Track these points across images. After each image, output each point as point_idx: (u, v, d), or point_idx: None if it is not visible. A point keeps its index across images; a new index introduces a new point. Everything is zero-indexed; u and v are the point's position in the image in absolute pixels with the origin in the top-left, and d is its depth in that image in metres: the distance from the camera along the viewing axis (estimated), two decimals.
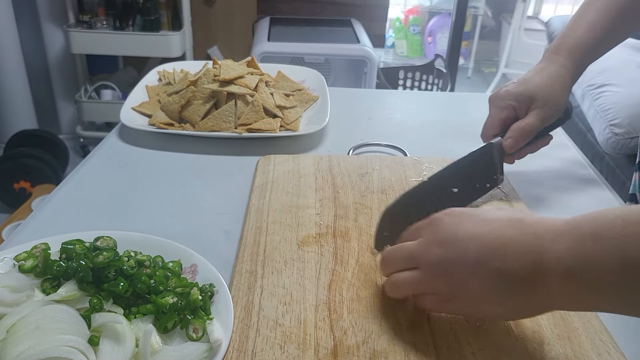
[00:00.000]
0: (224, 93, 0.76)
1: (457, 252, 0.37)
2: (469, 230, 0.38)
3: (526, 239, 0.35)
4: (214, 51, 2.43)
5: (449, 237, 0.38)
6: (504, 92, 0.59)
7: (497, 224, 0.37)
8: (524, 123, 0.56)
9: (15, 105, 2.17)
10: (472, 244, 0.37)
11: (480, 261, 0.36)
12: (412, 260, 0.40)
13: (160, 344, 0.39)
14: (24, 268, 0.43)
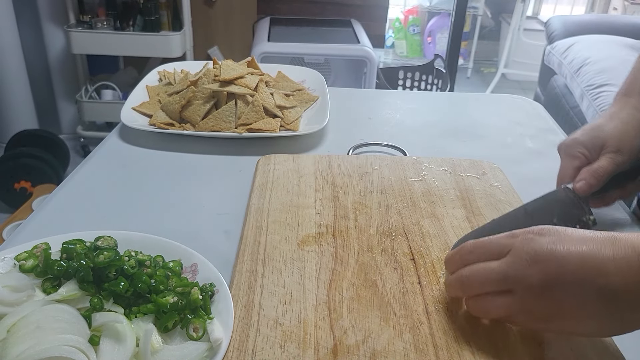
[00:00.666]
0: (224, 93, 0.76)
1: (558, 271, 0.36)
2: (568, 249, 0.37)
3: (627, 255, 0.35)
4: (214, 51, 2.43)
5: (547, 256, 0.37)
6: (572, 140, 0.57)
7: (593, 242, 0.37)
8: (597, 165, 0.55)
9: (16, 105, 2.17)
10: (573, 262, 0.36)
11: (583, 280, 0.36)
12: (505, 282, 0.39)
13: (160, 343, 0.39)
14: (24, 268, 0.43)
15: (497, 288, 0.39)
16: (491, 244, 0.41)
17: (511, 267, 0.38)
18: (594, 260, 0.36)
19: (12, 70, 2.10)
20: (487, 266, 0.40)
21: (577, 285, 0.36)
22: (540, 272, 0.37)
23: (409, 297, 0.45)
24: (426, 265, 0.49)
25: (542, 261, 0.37)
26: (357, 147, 0.74)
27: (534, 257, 0.37)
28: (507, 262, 0.39)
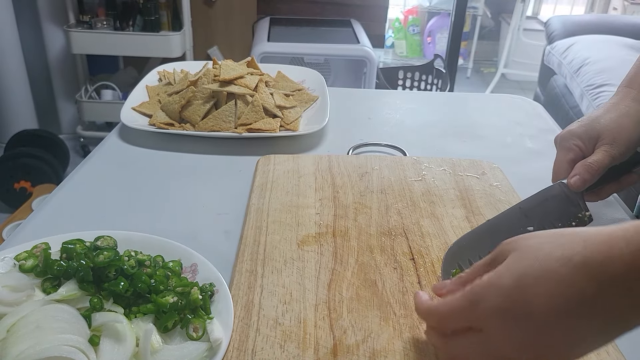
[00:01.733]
0: (224, 93, 0.76)
1: (534, 298, 0.31)
2: (543, 265, 0.31)
3: (592, 267, 0.30)
4: (214, 51, 2.43)
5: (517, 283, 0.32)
6: (567, 132, 0.56)
7: (561, 253, 0.31)
8: (591, 159, 0.53)
9: (16, 105, 2.17)
10: (549, 286, 0.31)
11: (580, 305, 0.30)
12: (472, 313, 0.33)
13: (160, 343, 0.39)
14: (24, 268, 0.43)
15: (464, 324, 0.34)
16: (468, 275, 0.36)
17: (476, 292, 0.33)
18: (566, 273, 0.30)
19: (12, 70, 2.10)
20: (454, 297, 0.35)
21: (559, 307, 0.30)
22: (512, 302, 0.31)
23: (409, 297, 0.45)
24: (426, 265, 0.49)
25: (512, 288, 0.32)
26: (357, 147, 0.74)
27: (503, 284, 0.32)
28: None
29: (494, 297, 0.32)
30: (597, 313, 0.30)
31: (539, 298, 0.31)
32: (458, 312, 0.34)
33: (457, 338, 0.35)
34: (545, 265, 0.31)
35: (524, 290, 0.31)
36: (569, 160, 0.55)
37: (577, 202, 0.52)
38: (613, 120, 0.54)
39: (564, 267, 0.30)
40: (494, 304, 0.32)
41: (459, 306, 0.34)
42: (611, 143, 0.53)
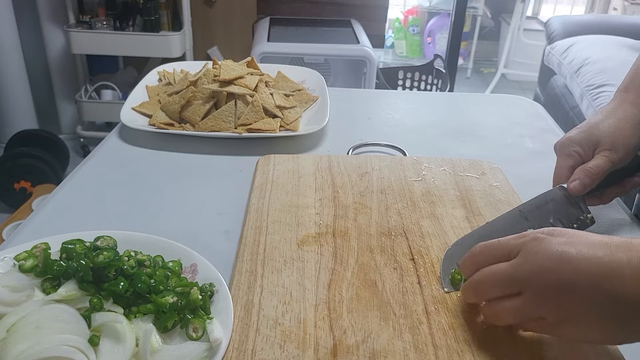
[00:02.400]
0: (224, 93, 0.76)
1: (571, 276, 0.35)
2: (582, 252, 0.35)
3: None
4: (214, 51, 2.43)
5: (560, 258, 0.36)
6: (566, 139, 0.57)
7: (607, 247, 0.35)
8: (591, 164, 0.54)
9: (16, 105, 2.17)
10: (586, 266, 0.35)
11: (598, 285, 0.34)
12: (513, 285, 0.38)
13: (160, 343, 0.39)
14: (24, 268, 0.43)
15: (505, 291, 0.38)
16: (500, 245, 0.40)
17: (520, 269, 0.37)
18: (609, 265, 0.34)
19: (11, 70, 2.10)
20: (495, 269, 0.39)
21: (591, 290, 0.34)
22: (552, 275, 0.36)
23: (409, 297, 0.45)
24: (426, 265, 0.49)
25: (554, 264, 0.36)
26: (357, 147, 0.74)
27: (544, 259, 0.36)
28: (515, 264, 0.38)
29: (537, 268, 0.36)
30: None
31: (581, 275, 0.35)
32: (503, 281, 0.38)
33: (499, 302, 0.39)
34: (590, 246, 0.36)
35: (568, 264, 0.35)
36: (569, 167, 0.55)
37: (579, 205, 0.53)
38: (612, 126, 0.55)
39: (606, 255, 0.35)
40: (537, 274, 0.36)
41: (505, 276, 0.38)
42: (610, 148, 0.54)
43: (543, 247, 0.37)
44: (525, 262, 0.37)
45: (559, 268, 0.35)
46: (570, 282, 0.35)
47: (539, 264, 0.36)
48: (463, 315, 0.44)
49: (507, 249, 0.39)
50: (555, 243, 0.37)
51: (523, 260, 0.37)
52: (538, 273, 0.36)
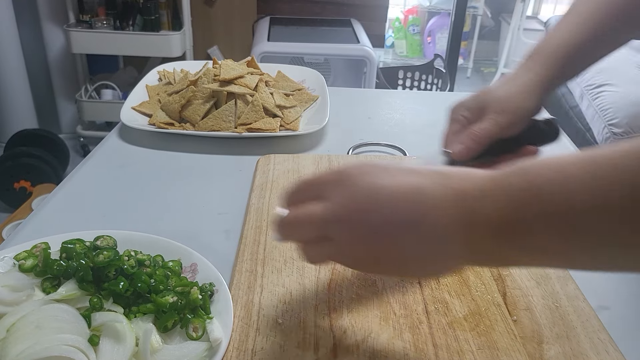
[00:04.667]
0: (224, 93, 0.76)
1: (380, 216, 0.33)
2: (390, 187, 0.33)
3: (456, 198, 0.32)
4: (214, 51, 2.43)
5: (369, 198, 0.33)
6: (457, 104, 0.54)
7: (419, 178, 0.33)
8: (476, 127, 0.51)
9: (16, 104, 2.17)
10: (396, 206, 0.32)
11: (408, 225, 0.32)
12: (325, 228, 0.35)
13: (160, 343, 0.39)
14: (24, 267, 0.43)
15: (318, 233, 0.35)
16: (318, 181, 0.37)
17: (331, 212, 0.34)
18: (420, 201, 0.32)
19: (11, 70, 2.10)
20: (308, 210, 0.36)
21: (402, 229, 0.32)
22: (361, 215, 0.33)
23: (409, 297, 0.45)
24: None
25: (363, 203, 0.33)
26: (357, 147, 0.74)
27: (354, 199, 0.34)
28: (327, 206, 0.35)
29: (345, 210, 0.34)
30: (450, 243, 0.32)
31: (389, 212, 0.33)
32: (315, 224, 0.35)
33: (313, 245, 0.36)
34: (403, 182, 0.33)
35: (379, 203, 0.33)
36: (454, 131, 0.52)
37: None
38: (504, 90, 0.52)
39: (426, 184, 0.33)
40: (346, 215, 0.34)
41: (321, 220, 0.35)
42: (499, 112, 0.51)
43: (349, 186, 0.34)
44: (334, 205, 0.34)
45: (366, 210, 0.33)
46: (381, 223, 0.33)
47: (346, 205, 0.34)
48: (463, 314, 0.44)
49: (323, 187, 0.36)
50: (362, 179, 0.34)
51: (335, 201, 0.34)
52: (346, 215, 0.34)
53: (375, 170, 0.34)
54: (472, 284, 0.47)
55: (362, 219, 0.33)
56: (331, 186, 0.35)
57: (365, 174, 0.34)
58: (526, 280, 0.48)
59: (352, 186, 0.34)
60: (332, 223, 0.34)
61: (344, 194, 0.34)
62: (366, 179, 0.34)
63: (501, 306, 0.45)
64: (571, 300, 0.46)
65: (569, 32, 0.54)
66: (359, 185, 0.34)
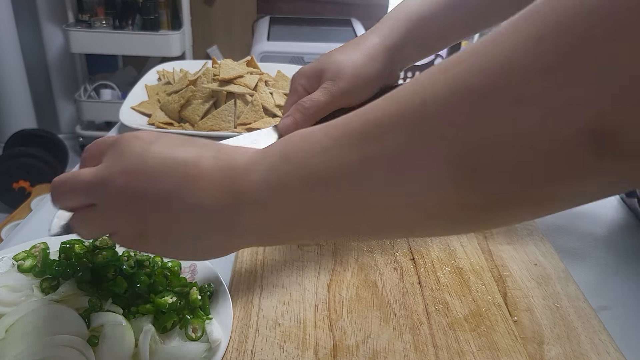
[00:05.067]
0: (224, 92, 0.76)
1: (145, 182, 0.30)
2: (160, 155, 0.30)
3: (221, 170, 0.30)
4: (214, 50, 2.43)
5: (136, 164, 0.30)
6: (297, 71, 0.50)
7: (193, 151, 0.31)
8: (305, 98, 0.47)
9: (15, 104, 2.17)
10: (163, 173, 0.30)
11: (172, 195, 0.30)
12: (91, 193, 0.32)
13: (159, 343, 0.39)
14: (23, 268, 0.43)
15: (82, 200, 0.32)
16: (98, 144, 0.34)
17: (96, 176, 0.31)
18: (188, 173, 0.30)
19: (10, 70, 2.10)
20: (77, 172, 0.33)
21: (166, 201, 0.30)
22: (125, 181, 0.30)
23: (409, 298, 0.45)
24: (426, 266, 0.49)
25: (130, 169, 0.30)
26: None
27: (121, 164, 0.31)
28: (96, 169, 0.32)
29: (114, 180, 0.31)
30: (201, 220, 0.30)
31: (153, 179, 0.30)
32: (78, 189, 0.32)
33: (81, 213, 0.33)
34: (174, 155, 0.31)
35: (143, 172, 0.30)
36: (292, 103, 0.49)
37: None
38: (345, 55, 0.47)
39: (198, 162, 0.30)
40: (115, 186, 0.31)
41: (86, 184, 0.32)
42: (333, 79, 0.47)
43: (121, 151, 0.31)
44: (102, 169, 0.31)
45: (131, 175, 0.30)
46: (144, 191, 0.30)
47: (114, 170, 0.31)
48: (464, 315, 0.44)
49: (101, 150, 0.33)
50: (136, 145, 0.31)
51: (102, 166, 0.32)
52: (112, 180, 0.31)
53: (151, 137, 0.32)
54: (473, 284, 0.47)
55: (125, 183, 0.30)
56: (106, 149, 0.32)
57: (140, 139, 0.32)
58: (527, 281, 0.48)
59: (124, 150, 0.31)
60: (97, 186, 0.31)
61: (113, 156, 0.31)
62: (138, 143, 0.31)
63: (502, 307, 0.45)
64: (572, 300, 0.46)
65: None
66: (130, 149, 0.31)
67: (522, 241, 0.53)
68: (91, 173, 0.32)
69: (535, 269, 0.49)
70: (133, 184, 0.30)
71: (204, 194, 0.29)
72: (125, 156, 0.31)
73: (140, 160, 0.31)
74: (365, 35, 0.50)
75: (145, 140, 0.31)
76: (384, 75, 0.49)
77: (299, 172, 0.27)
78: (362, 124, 0.26)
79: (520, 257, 0.51)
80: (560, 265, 0.50)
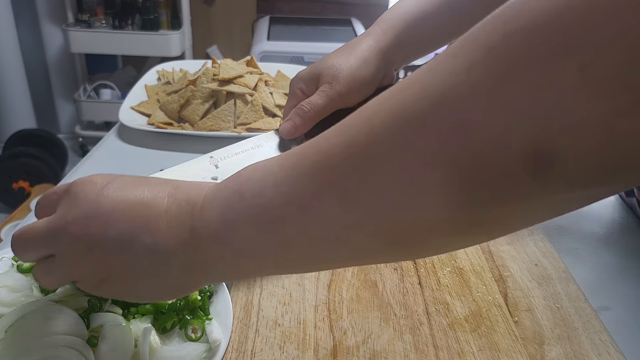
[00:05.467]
0: (224, 92, 0.75)
1: (100, 228, 0.30)
2: (114, 198, 0.30)
3: (180, 208, 0.29)
4: (214, 50, 2.43)
5: (90, 210, 0.30)
6: (296, 75, 0.51)
7: (149, 190, 0.30)
8: (304, 102, 0.47)
9: (14, 104, 2.16)
10: (118, 216, 0.30)
11: (128, 238, 0.29)
12: (48, 243, 0.31)
13: (159, 344, 0.39)
14: (22, 268, 0.43)
15: (41, 251, 0.32)
16: (51, 194, 0.33)
17: (51, 224, 0.31)
18: (143, 213, 0.29)
19: (10, 70, 2.10)
20: (34, 225, 0.32)
21: (123, 244, 0.29)
22: (80, 229, 0.30)
23: (409, 298, 0.45)
24: (426, 266, 0.49)
25: (84, 216, 0.30)
26: None
27: (75, 212, 0.30)
28: (50, 219, 0.31)
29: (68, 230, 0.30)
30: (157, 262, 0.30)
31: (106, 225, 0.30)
32: (37, 237, 0.32)
33: (42, 264, 0.33)
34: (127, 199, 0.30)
35: (98, 218, 0.30)
36: (292, 107, 0.49)
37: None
38: (340, 58, 0.48)
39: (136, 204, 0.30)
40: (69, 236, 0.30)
41: (42, 236, 0.32)
42: (330, 82, 0.47)
43: (75, 199, 0.31)
44: (57, 218, 0.31)
45: (86, 223, 0.30)
46: (99, 237, 0.30)
47: (69, 219, 0.30)
48: (464, 315, 0.44)
49: (54, 200, 0.32)
50: (89, 191, 0.30)
51: (57, 216, 0.31)
52: (67, 229, 0.30)
53: (103, 180, 0.31)
54: (473, 285, 0.47)
55: (80, 232, 0.30)
56: (60, 198, 0.32)
57: (92, 183, 0.31)
58: (527, 281, 0.48)
59: (77, 196, 0.31)
60: (52, 237, 0.31)
61: (67, 203, 0.31)
62: (90, 188, 0.31)
63: (502, 307, 0.45)
64: (572, 301, 0.46)
65: (414, 0, 0.52)
66: (83, 194, 0.31)
67: (522, 241, 0.53)
68: (44, 224, 0.31)
69: (535, 269, 0.49)
70: (88, 231, 0.30)
71: (162, 233, 0.29)
72: (78, 203, 0.31)
73: (95, 205, 0.30)
74: (360, 38, 0.50)
75: (97, 185, 0.31)
76: (378, 77, 0.50)
77: (251, 209, 0.27)
78: (315, 154, 0.25)
79: (521, 257, 0.51)
80: (561, 266, 0.50)
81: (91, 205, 0.30)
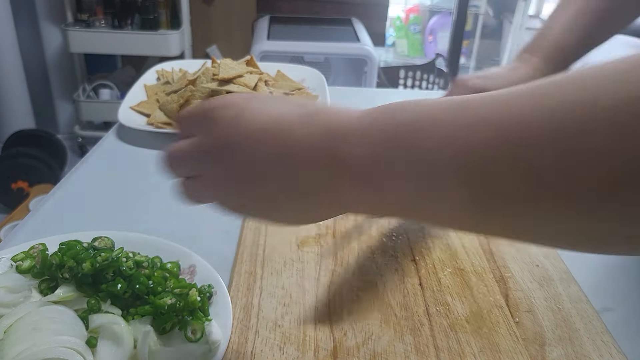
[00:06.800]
0: (223, 92, 0.75)
1: (241, 151, 0.30)
2: (253, 121, 0.31)
3: (321, 134, 0.29)
4: (213, 50, 2.42)
5: (229, 132, 0.31)
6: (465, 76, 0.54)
7: (288, 118, 0.31)
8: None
9: (13, 104, 2.16)
10: (258, 138, 0.30)
11: (268, 159, 0.30)
12: (195, 164, 0.33)
13: (158, 345, 0.39)
14: (21, 269, 0.42)
15: (190, 170, 0.33)
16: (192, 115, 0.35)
17: (197, 146, 0.32)
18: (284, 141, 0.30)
19: (9, 69, 2.10)
20: (180, 145, 0.33)
21: (265, 171, 0.30)
22: (223, 160, 0.31)
23: (410, 299, 0.45)
24: (427, 267, 0.49)
25: (225, 147, 0.31)
26: None
27: (216, 143, 0.31)
28: (194, 140, 0.33)
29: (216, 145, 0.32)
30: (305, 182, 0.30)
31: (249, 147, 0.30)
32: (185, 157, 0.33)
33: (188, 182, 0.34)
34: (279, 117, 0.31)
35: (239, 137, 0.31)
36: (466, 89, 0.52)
37: None
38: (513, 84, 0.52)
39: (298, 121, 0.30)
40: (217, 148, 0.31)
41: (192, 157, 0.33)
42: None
43: (214, 127, 0.32)
44: (198, 145, 0.32)
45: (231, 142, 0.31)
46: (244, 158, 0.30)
47: (210, 149, 0.32)
48: (465, 316, 0.43)
49: (196, 121, 0.34)
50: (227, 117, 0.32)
51: (198, 142, 0.32)
52: (210, 159, 0.32)
53: (241, 101, 0.32)
54: (474, 285, 0.47)
55: (224, 154, 0.31)
56: (198, 124, 0.33)
57: (230, 107, 0.32)
58: (529, 282, 0.48)
59: (218, 120, 0.32)
60: (200, 160, 0.32)
61: (207, 133, 0.32)
62: (229, 112, 0.32)
63: (503, 308, 0.44)
64: (574, 302, 0.45)
65: (566, 28, 0.55)
66: (223, 118, 0.32)
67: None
68: (192, 144, 0.33)
69: (537, 270, 0.49)
70: (230, 154, 0.31)
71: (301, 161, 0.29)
72: (218, 127, 0.32)
73: (233, 129, 0.31)
74: (522, 67, 0.54)
75: (235, 107, 0.32)
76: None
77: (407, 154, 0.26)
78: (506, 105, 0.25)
79: (522, 258, 0.51)
80: (562, 266, 0.50)
81: (231, 128, 0.31)
